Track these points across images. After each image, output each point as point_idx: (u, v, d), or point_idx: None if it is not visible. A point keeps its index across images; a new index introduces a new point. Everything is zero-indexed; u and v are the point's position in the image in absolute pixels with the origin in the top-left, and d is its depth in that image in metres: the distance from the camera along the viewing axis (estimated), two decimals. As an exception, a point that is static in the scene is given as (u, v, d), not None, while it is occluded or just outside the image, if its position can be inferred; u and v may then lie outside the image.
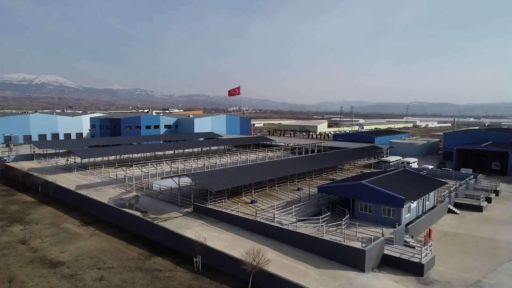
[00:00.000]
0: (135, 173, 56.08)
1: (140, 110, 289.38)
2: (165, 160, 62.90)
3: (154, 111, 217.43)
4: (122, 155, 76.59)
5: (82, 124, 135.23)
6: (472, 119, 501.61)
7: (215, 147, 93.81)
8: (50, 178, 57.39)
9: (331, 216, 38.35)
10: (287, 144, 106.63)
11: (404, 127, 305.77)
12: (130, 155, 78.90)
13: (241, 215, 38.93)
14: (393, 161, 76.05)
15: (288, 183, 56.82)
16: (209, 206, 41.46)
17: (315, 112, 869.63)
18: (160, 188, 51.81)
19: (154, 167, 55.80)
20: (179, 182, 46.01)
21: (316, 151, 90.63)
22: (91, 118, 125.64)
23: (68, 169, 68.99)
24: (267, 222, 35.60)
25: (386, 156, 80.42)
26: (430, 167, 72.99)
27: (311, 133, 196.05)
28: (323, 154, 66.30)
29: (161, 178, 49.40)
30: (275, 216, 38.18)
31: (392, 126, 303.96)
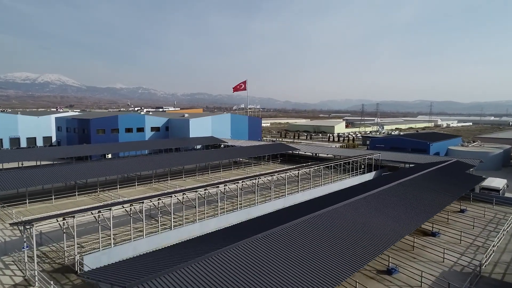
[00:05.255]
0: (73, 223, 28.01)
1: (130, 109, 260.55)
2: (128, 201, 34.82)
3: (145, 109, 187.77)
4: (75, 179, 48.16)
5: (51, 126, 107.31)
6: (492, 118, 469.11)
7: (218, 161, 65.22)
8: None
9: None
10: (316, 155, 78.23)
11: (426, 127, 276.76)
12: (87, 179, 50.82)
13: None
14: (501, 188, 47.35)
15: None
16: None
17: (320, 111, 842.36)
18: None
19: (95, 217, 27.59)
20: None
21: (365, 167, 62.13)
22: (56, 119, 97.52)
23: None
24: None
25: (481, 180, 50.96)
26: None
27: (328, 135, 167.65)
28: (405, 186, 37.76)
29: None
30: None
31: (412, 125, 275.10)
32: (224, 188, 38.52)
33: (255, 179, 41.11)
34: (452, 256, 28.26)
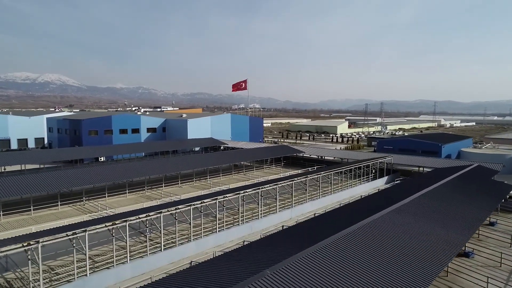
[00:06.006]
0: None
1: (127, 109, 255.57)
2: (110, 218, 30.27)
3: (142, 109, 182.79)
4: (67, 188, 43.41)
5: (43, 127, 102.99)
6: (495, 118, 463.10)
7: (217, 165, 60.63)
8: None
9: None
10: (321, 157, 73.56)
11: (429, 127, 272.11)
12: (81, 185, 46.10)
13: None
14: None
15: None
16: None
17: (320, 110, 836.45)
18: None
19: (70, 239, 23.05)
20: None
21: (377, 171, 57.48)
22: (47, 119, 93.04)
23: None
24: None
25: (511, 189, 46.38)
26: None
27: (331, 135, 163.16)
28: (431, 198, 33.15)
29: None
30: None
31: (416, 125, 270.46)
32: (224, 200, 33.93)
33: (258, 188, 36.48)
34: (495, 286, 23.64)
